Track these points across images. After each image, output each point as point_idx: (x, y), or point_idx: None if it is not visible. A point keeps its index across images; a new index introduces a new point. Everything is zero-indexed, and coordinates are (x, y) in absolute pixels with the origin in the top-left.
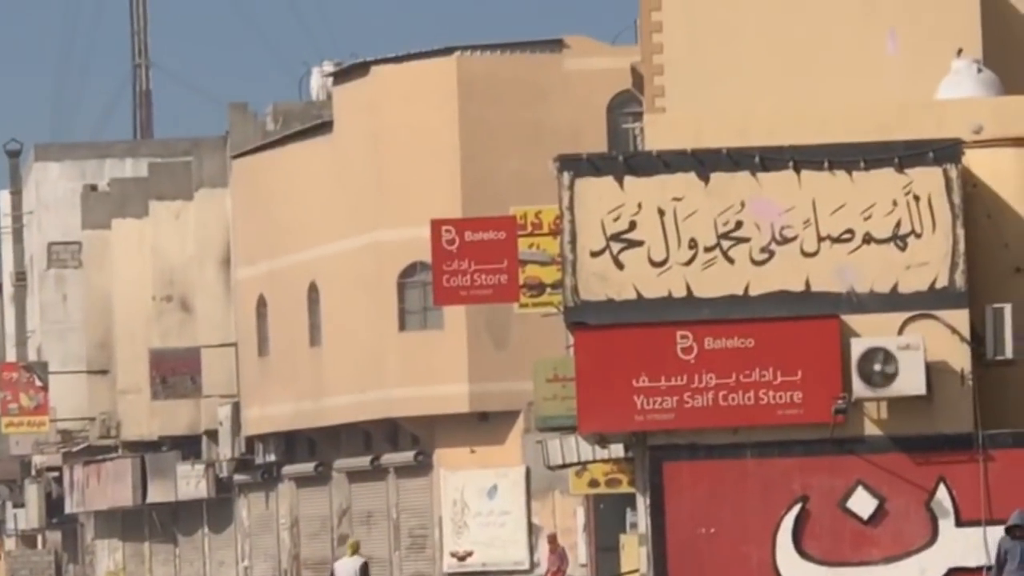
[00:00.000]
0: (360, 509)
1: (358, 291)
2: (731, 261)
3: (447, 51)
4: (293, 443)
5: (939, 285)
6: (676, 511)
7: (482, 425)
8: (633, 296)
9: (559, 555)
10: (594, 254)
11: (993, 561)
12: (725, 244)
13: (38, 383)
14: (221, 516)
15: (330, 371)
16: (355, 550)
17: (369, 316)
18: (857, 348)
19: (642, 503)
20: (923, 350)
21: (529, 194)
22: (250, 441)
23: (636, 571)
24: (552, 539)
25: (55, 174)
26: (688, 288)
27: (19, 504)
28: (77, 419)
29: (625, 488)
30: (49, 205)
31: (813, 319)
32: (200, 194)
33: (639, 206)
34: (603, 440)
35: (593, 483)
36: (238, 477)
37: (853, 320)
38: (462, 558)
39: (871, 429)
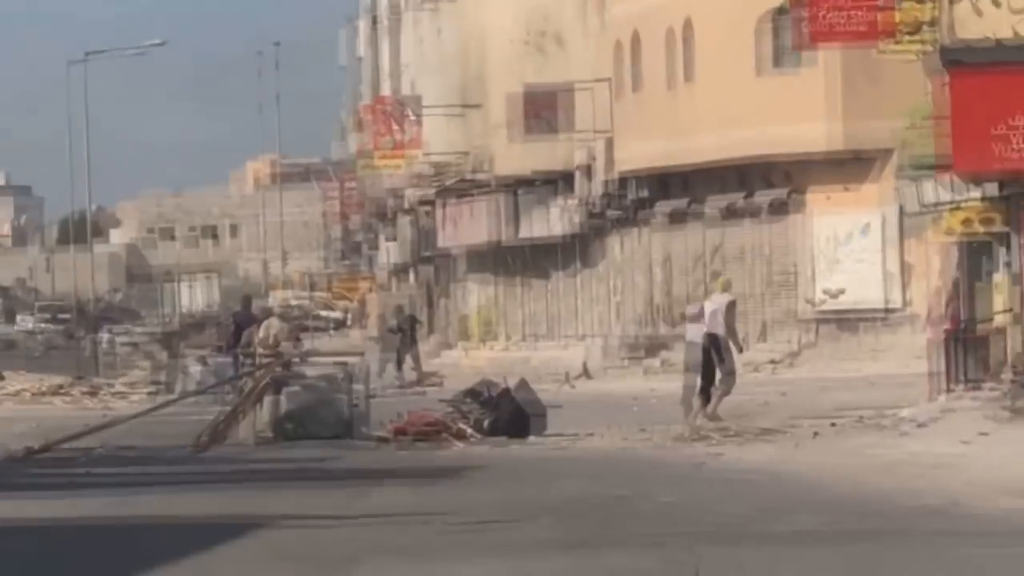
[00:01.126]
0: (730, 247)
1: (730, 28)
2: None
3: None
4: (665, 180)
5: None
6: None
7: (850, 166)
8: (1009, 34)
9: (950, 305)
10: None
11: None
12: None
13: (411, 117)
14: (592, 252)
15: (701, 108)
16: (725, 287)
17: (741, 54)
18: None
19: (1016, 242)
20: None
21: None
22: (622, 178)
23: (1010, 310)
24: (938, 290)
25: None
26: None
27: (391, 238)
28: (449, 154)
29: (983, 237)
30: None
31: None
32: None
33: None
34: (969, 182)
35: (955, 230)
36: (609, 213)
37: None
38: (830, 297)
39: None
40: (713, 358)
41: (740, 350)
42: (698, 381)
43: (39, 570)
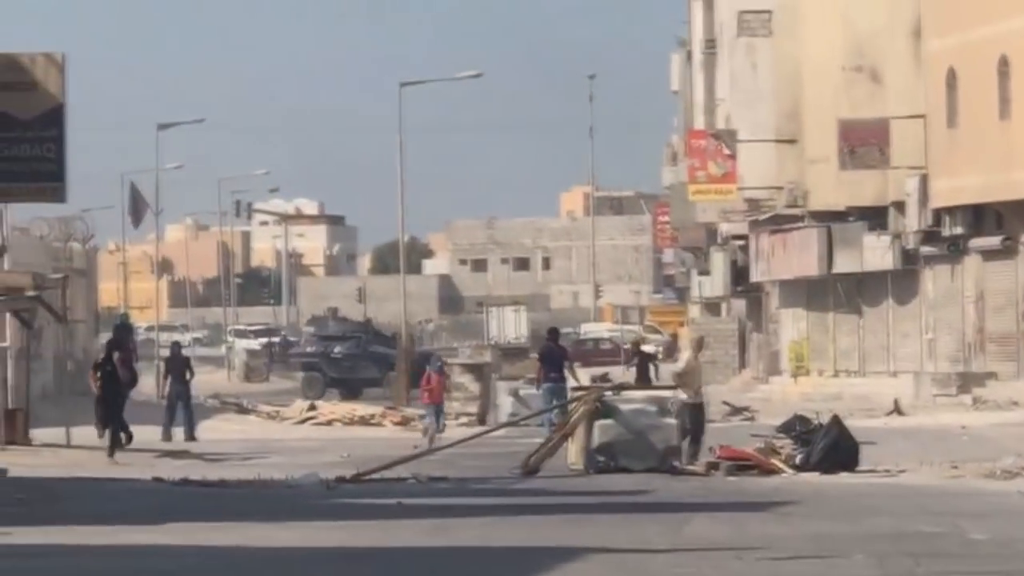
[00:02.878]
0: None
1: None
2: None
3: None
4: (980, 216)
5: None
6: None
7: None
8: None
9: None
10: None
11: None
12: None
13: (726, 151)
14: (906, 288)
15: (1020, 145)
16: None
17: None
18: None
19: None
20: None
21: None
22: (937, 213)
23: None
24: None
25: None
26: None
27: (705, 272)
28: (764, 188)
29: None
30: None
31: None
32: None
33: None
34: None
35: None
36: (924, 249)
37: None
38: None
39: None
40: None
41: None
42: None
43: None
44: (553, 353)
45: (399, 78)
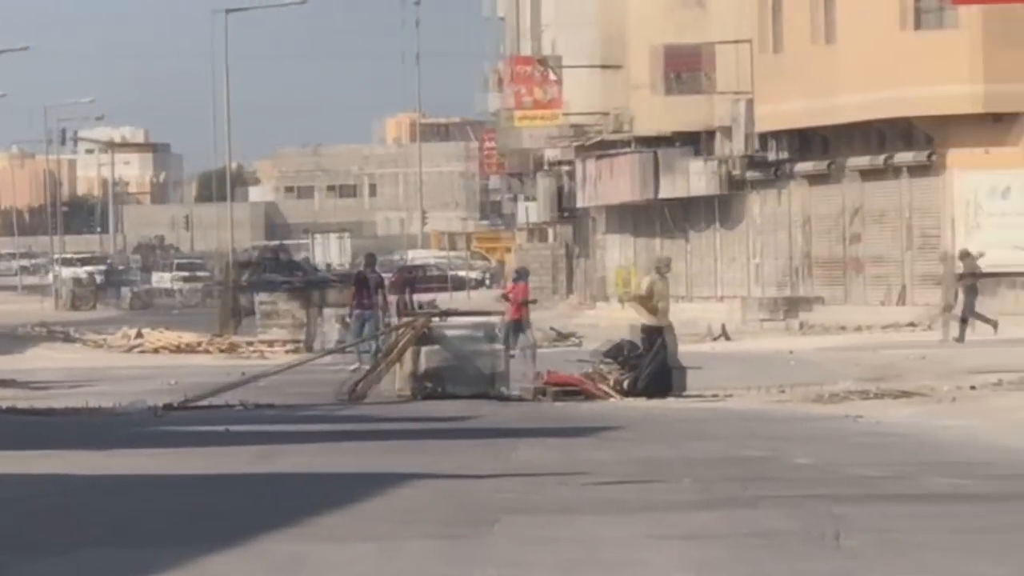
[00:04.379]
0: (872, 207)
1: None
2: None
3: None
4: (805, 140)
5: None
6: None
7: (995, 126)
8: None
9: None
10: None
11: None
12: None
13: (552, 77)
14: (732, 212)
15: (844, 69)
16: None
17: (883, 15)
18: None
19: None
20: None
21: None
22: (762, 138)
23: None
24: None
25: None
26: None
27: (530, 197)
28: (589, 113)
29: None
30: None
31: None
32: None
33: None
34: None
35: None
36: (750, 174)
37: None
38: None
39: None
40: None
41: None
42: None
43: (182, 522)
44: (368, 280)
45: (224, 4)
